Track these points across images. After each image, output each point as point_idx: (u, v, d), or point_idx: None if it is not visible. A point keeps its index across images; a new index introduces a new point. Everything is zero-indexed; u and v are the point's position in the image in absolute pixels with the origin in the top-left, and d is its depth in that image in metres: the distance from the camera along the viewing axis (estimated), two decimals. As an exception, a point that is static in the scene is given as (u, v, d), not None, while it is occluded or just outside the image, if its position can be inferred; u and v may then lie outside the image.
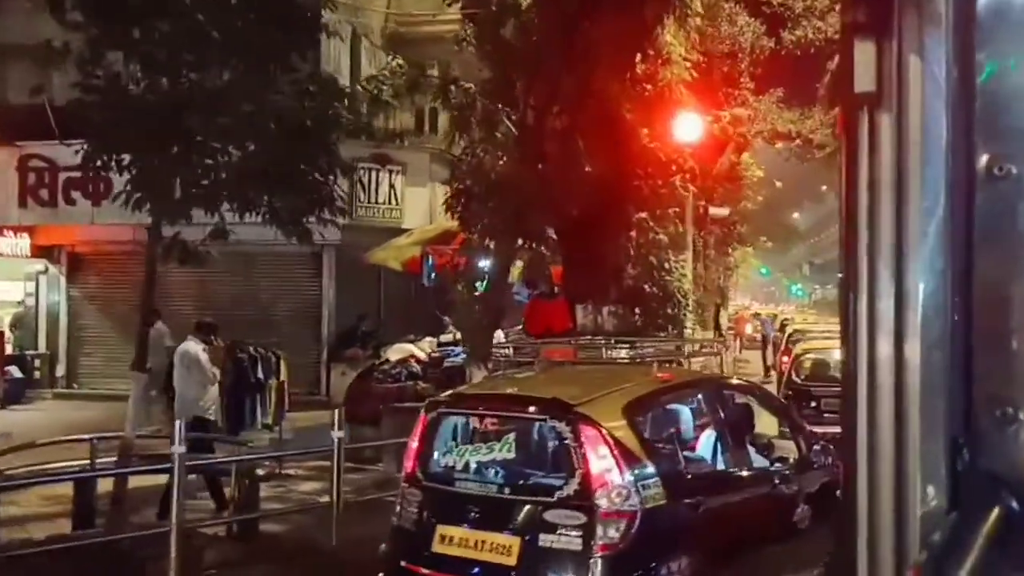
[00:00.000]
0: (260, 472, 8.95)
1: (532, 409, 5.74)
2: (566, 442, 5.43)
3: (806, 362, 14.41)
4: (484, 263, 11.11)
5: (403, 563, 5.85)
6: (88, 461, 8.93)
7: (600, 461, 5.37)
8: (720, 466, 6.39)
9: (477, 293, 11.06)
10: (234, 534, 8.83)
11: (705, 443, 6.60)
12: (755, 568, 6.02)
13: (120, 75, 7.68)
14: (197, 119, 7.34)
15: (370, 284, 19.36)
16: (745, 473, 6.38)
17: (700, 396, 6.56)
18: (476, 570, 5.44)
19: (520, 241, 11.15)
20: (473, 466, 5.76)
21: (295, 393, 13.69)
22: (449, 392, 6.56)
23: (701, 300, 23.16)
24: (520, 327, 14.26)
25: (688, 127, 14.23)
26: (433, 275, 15.38)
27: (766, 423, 7.51)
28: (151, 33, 7.62)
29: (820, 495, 6.84)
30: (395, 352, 15.18)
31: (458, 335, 13.13)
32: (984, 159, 1.04)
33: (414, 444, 6.07)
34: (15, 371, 18.57)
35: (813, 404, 13.51)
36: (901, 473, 1.03)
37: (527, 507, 5.48)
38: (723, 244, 25.36)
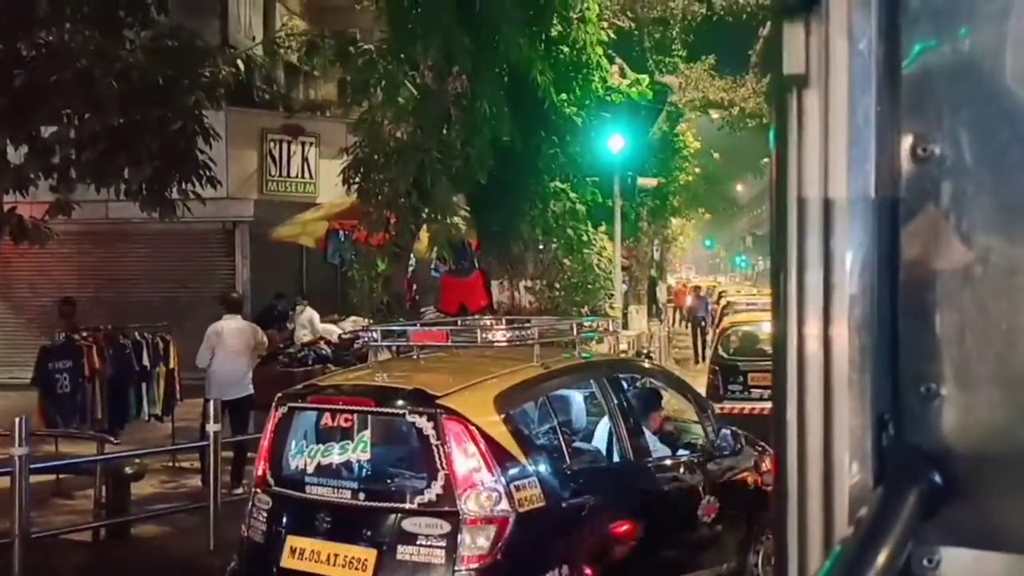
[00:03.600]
0: (129, 470, 8.13)
1: (390, 402, 5.03)
2: (428, 439, 4.75)
3: (733, 336, 13.88)
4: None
5: (251, 580, 5.17)
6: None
7: (466, 460, 4.70)
8: (615, 459, 5.76)
9: (378, 271, 10.30)
10: (101, 539, 8.04)
11: (600, 434, 5.96)
12: (649, 570, 5.42)
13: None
14: (28, 77, 6.43)
15: (291, 262, 18.41)
16: (642, 465, 5.75)
17: (592, 382, 5.89)
18: None
19: (425, 213, 10.37)
20: (325, 468, 5.06)
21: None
22: (303, 384, 5.82)
23: (634, 273, 22.60)
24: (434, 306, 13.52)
25: (609, 93, 13.54)
26: (351, 254, 14.60)
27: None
28: None
29: (730, 484, 6.31)
30: (310, 334, 14.56)
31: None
32: (908, 140, 1.05)
33: (265, 443, 5.36)
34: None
35: (740, 379, 13.06)
36: (829, 450, 1.03)
37: (384, 515, 4.82)
38: (657, 216, 24.76)
